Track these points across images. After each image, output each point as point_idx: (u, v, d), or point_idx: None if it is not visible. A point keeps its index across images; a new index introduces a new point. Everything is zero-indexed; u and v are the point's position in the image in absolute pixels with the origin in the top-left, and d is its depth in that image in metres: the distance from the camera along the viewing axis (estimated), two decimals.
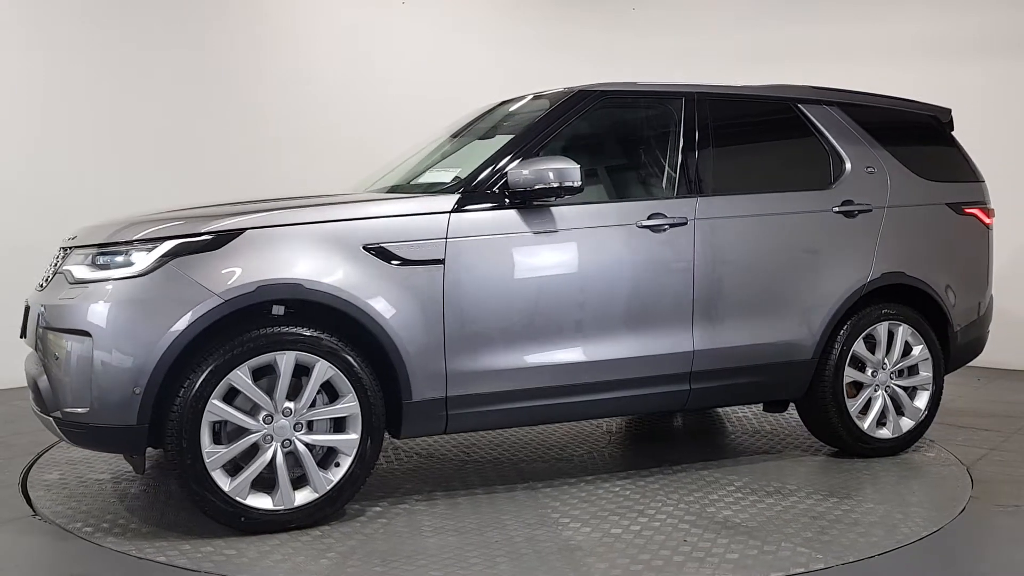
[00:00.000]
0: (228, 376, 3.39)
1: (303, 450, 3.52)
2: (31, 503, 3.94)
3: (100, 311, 3.34)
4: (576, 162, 3.85)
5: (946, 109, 5.15)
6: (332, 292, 3.52)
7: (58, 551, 3.43)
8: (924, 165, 4.85)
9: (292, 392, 3.51)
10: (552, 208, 3.93)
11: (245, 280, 3.41)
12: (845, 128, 4.71)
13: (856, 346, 4.53)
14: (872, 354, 4.58)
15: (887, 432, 4.63)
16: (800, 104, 4.68)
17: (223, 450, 3.41)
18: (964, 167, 5.04)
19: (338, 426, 3.60)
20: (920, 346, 4.68)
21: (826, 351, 4.48)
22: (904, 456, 4.67)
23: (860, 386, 4.60)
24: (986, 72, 7.45)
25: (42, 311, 3.54)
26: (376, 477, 4.18)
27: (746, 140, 4.74)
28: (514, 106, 4.57)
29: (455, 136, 4.71)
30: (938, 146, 5.06)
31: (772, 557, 3.30)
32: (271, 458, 3.47)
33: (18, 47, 6.46)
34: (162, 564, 3.23)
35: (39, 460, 4.58)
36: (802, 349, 4.41)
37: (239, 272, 3.42)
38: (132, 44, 6.88)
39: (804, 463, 4.58)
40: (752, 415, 5.62)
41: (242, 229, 3.49)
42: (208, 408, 3.36)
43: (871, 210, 4.60)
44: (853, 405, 4.53)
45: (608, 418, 5.40)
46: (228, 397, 3.43)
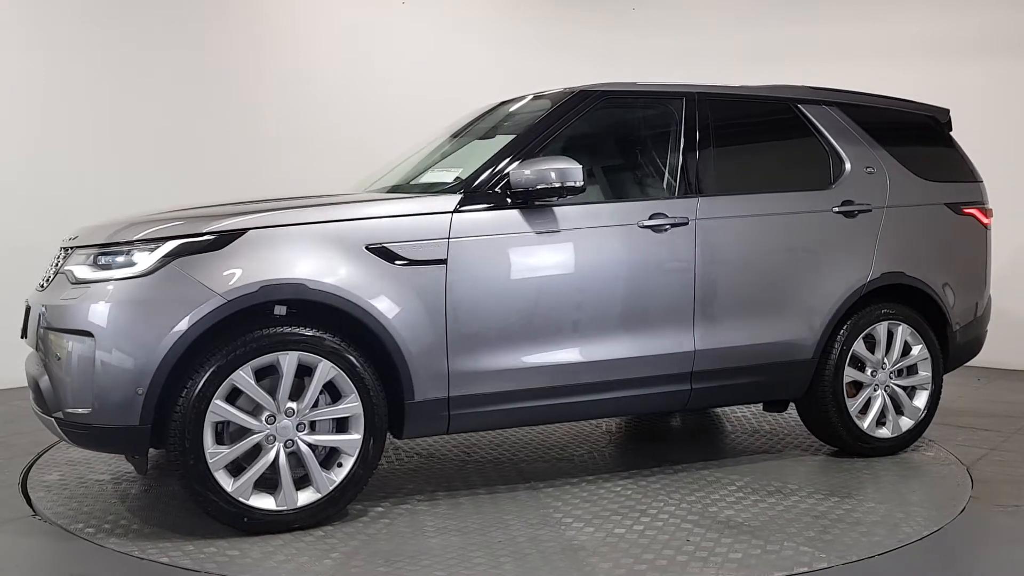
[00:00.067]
0: (231, 376, 3.38)
1: (306, 450, 3.52)
2: (31, 503, 3.93)
3: (102, 311, 3.34)
4: (577, 162, 3.85)
5: (944, 109, 5.17)
6: (335, 292, 3.52)
7: (59, 551, 3.43)
8: (923, 165, 4.86)
9: (295, 392, 3.51)
10: (554, 208, 3.93)
11: (248, 280, 3.40)
12: (845, 128, 4.72)
13: (856, 346, 4.54)
14: (872, 354, 4.59)
15: (887, 431, 4.64)
16: (800, 104, 4.69)
17: (226, 450, 3.40)
18: (963, 167, 5.05)
19: (341, 426, 3.60)
20: (919, 346, 4.69)
21: (826, 351, 4.49)
22: (904, 456, 4.69)
23: (860, 386, 4.61)
24: (986, 72, 7.46)
25: (43, 311, 3.53)
26: (378, 477, 4.18)
27: (746, 140, 4.75)
28: (514, 106, 4.57)
29: (455, 136, 4.71)
30: (937, 146, 5.08)
31: (775, 557, 3.31)
32: (274, 458, 3.47)
33: (18, 47, 6.46)
34: (165, 565, 3.22)
35: (39, 460, 4.58)
36: (802, 349, 4.42)
37: (241, 272, 3.41)
38: (132, 44, 6.88)
39: (804, 463, 4.59)
40: (752, 415, 5.63)
41: (244, 229, 3.48)
42: (211, 408, 3.36)
43: (871, 210, 4.61)
44: (853, 405, 4.54)
45: (609, 418, 5.41)
46: (231, 397, 3.42)
